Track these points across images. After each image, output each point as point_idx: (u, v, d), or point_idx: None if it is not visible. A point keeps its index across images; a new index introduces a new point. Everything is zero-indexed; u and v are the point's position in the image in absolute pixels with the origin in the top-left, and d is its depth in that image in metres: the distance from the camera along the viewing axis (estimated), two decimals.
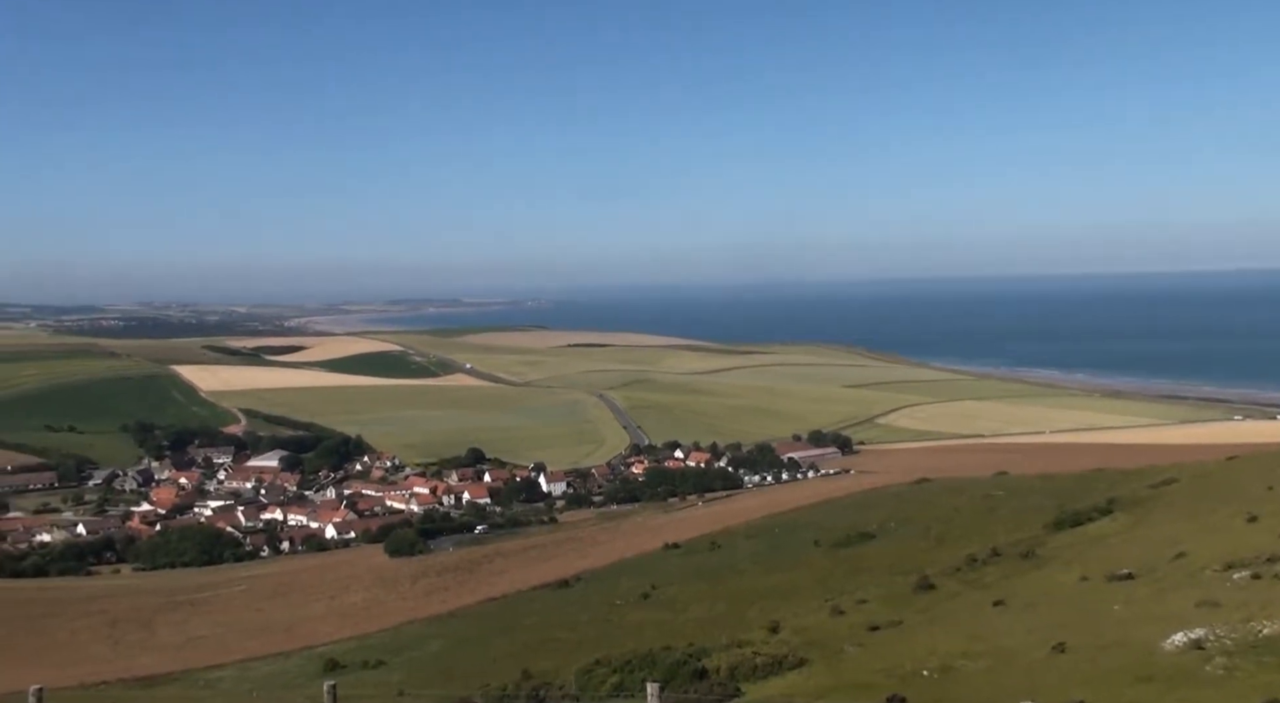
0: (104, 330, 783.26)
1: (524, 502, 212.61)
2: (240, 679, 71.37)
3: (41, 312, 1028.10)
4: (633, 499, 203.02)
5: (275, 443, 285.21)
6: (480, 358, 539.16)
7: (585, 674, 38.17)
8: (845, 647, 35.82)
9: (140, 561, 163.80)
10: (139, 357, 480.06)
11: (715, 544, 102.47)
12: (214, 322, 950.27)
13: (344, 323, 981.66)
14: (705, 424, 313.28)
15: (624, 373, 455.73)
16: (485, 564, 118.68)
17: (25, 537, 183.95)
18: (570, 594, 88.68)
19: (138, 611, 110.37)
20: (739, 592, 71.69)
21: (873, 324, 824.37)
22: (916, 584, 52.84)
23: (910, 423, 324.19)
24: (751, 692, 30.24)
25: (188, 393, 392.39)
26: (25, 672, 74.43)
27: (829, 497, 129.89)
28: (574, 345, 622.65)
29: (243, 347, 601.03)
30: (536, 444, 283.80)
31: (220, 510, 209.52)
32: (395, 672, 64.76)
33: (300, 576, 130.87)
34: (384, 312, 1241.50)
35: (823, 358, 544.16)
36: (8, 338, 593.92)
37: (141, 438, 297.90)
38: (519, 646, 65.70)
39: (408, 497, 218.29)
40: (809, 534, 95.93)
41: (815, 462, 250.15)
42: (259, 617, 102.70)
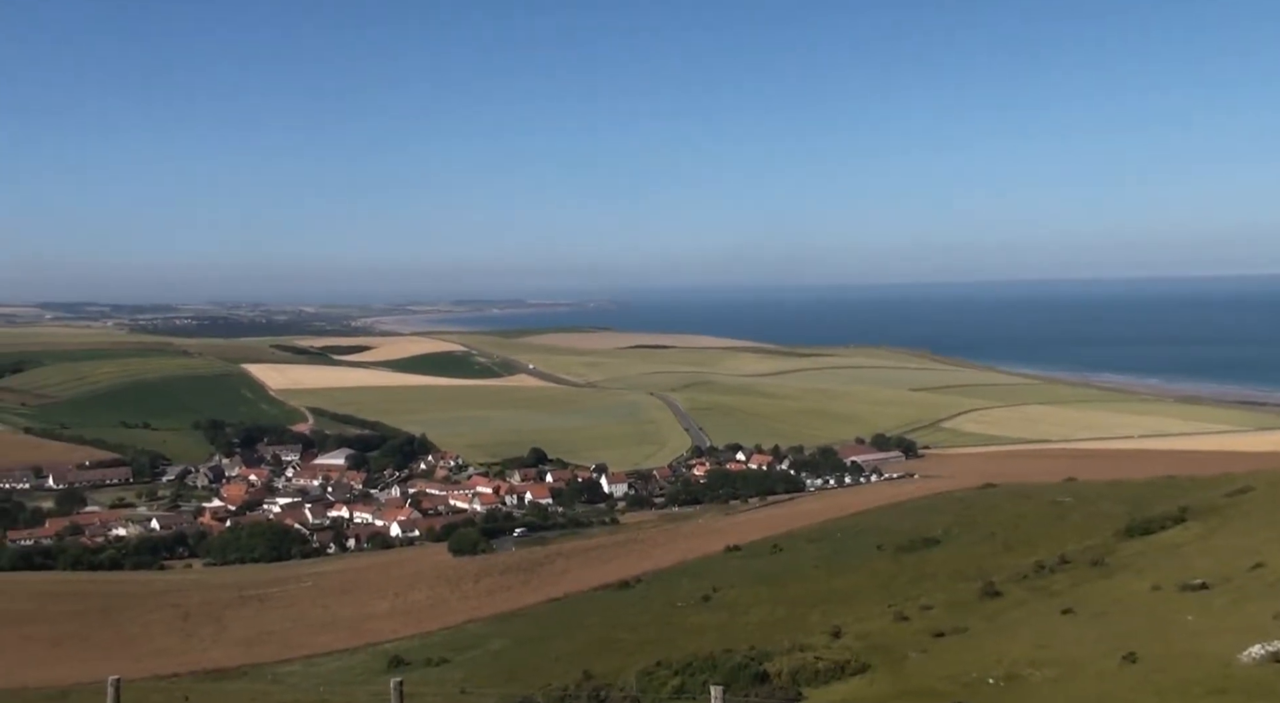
0: (178, 329, 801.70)
1: (585, 503, 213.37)
2: (307, 674, 72.48)
3: (119, 311, 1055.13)
4: (694, 501, 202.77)
5: (342, 441, 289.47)
6: (543, 359, 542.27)
7: (646, 676, 38.19)
8: (909, 653, 35.41)
9: (211, 556, 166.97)
10: (211, 355, 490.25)
11: (777, 547, 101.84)
12: (282, 321, 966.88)
13: (409, 323, 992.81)
14: (767, 427, 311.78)
15: (686, 374, 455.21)
16: (547, 564, 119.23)
17: (102, 531, 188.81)
18: (631, 595, 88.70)
19: (209, 605, 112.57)
20: (801, 596, 71.17)
21: (936, 327, 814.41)
22: (982, 591, 52.00)
23: (976, 427, 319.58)
24: (813, 697, 30.04)
25: (257, 391, 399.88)
26: (102, 663, 76.49)
27: (892, 501, 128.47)
28: (636, 347, 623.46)
29: (310, 346, 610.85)
30: (598, 445, 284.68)
31: (288, 508, 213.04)
32: (458, 670, 65.32)
33: (365, 573, 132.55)
34: (449, 312, 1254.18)
35: (887, 361, 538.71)
36: (87, 336, 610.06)
37: (212, 435, 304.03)
38: (580, 646, 65.89)
39: (471, 496, 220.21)
40: (872, 539, 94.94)
41: (878, 465, 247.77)
42: (325, 613, 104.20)
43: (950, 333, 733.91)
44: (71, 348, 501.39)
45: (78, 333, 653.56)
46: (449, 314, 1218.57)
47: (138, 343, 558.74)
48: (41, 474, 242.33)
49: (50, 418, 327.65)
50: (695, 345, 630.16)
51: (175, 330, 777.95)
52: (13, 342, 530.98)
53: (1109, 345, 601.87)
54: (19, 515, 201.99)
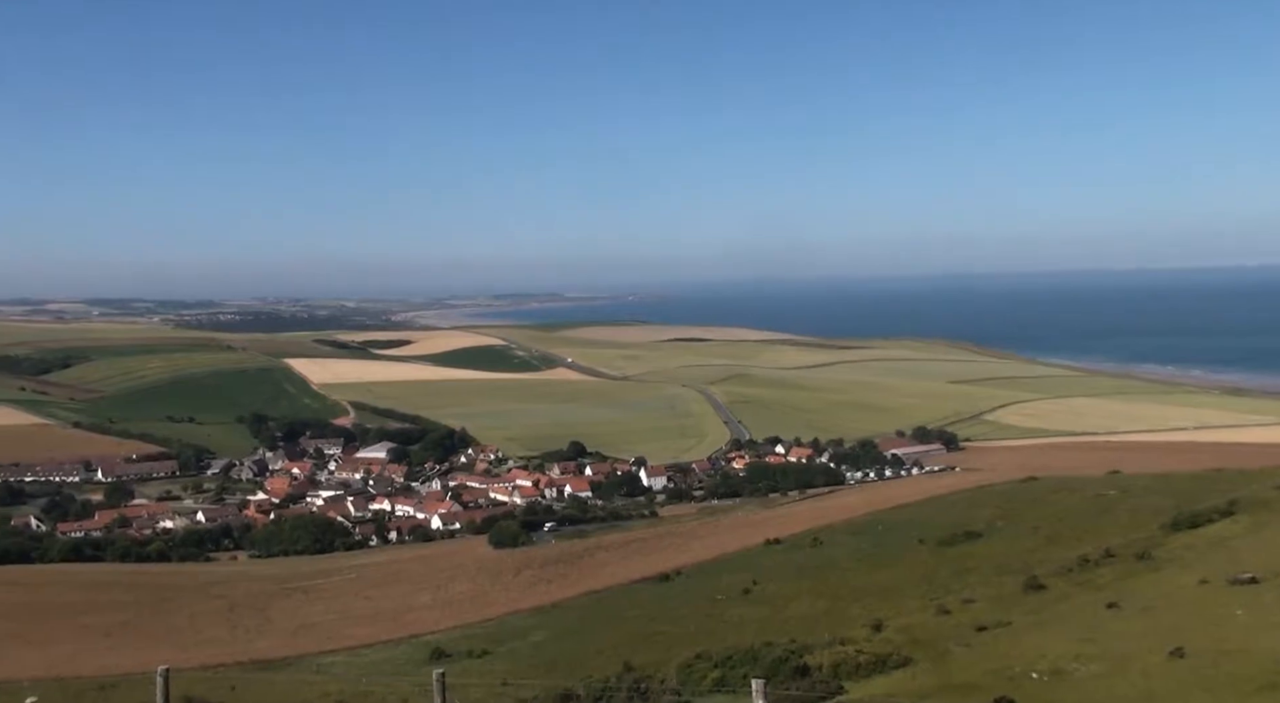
0: (222, 324, 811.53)
1: (625, 496, 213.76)
2: (351, 665, 73.30)
3: (164, 307, 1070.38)
4: (733, 494, 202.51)
5: (383, 435, 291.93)
6: (581, 352, 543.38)
7: (686, 669, 38.25)
8: (951, 647, 35.20)
9: (256, 548, 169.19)
10: (254, 350, 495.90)
11: (817, 541, 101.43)
12: (324, 316, 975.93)
13: (448, 317, 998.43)
14: (806, 420, 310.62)
15: (724, 367, 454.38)
16: (587, 557, 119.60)
17: (149, 523, 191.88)
18: (671, 588, 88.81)
19: (254, 596, 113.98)
20: (841, 589, 70.93)
21: (977, 319, 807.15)
22: (1025, 584, 51.56)
23: (1018, 420, 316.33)
24: (855, 690, 29.94)
25: (300, 385, 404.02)
26: (151, 653, 77.72)
27: (933, 494, 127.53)
28: (674, 340, 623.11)
29: (352, 341, 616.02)
30: (637, 438, 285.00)
31: (331, 500, 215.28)
32: (499, 661, 65.78)
33: (407, 565, 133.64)
34: (488, 306, 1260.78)
35: (927, 353, 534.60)
36: (134, 332, 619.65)
37: (256, 429, 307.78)
38: (620, 638, 66.09)
39: (511, 489, 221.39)
40: (913, 532, 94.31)
41: (919, 458, 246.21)
42: (368, 605, 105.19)
43: (992, 325, 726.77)
44: (119, 344, 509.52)
45: (125, 329, 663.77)
46: (488, 308, 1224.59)
47: (183, 338, 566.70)
48: (91, 468, 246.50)
49: (99, 413, 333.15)
50: (734, 338, 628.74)
51: (219, 326, 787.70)
52: (62, 338, 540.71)
53: (1153, 336, 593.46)
54: (69, 508, 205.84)
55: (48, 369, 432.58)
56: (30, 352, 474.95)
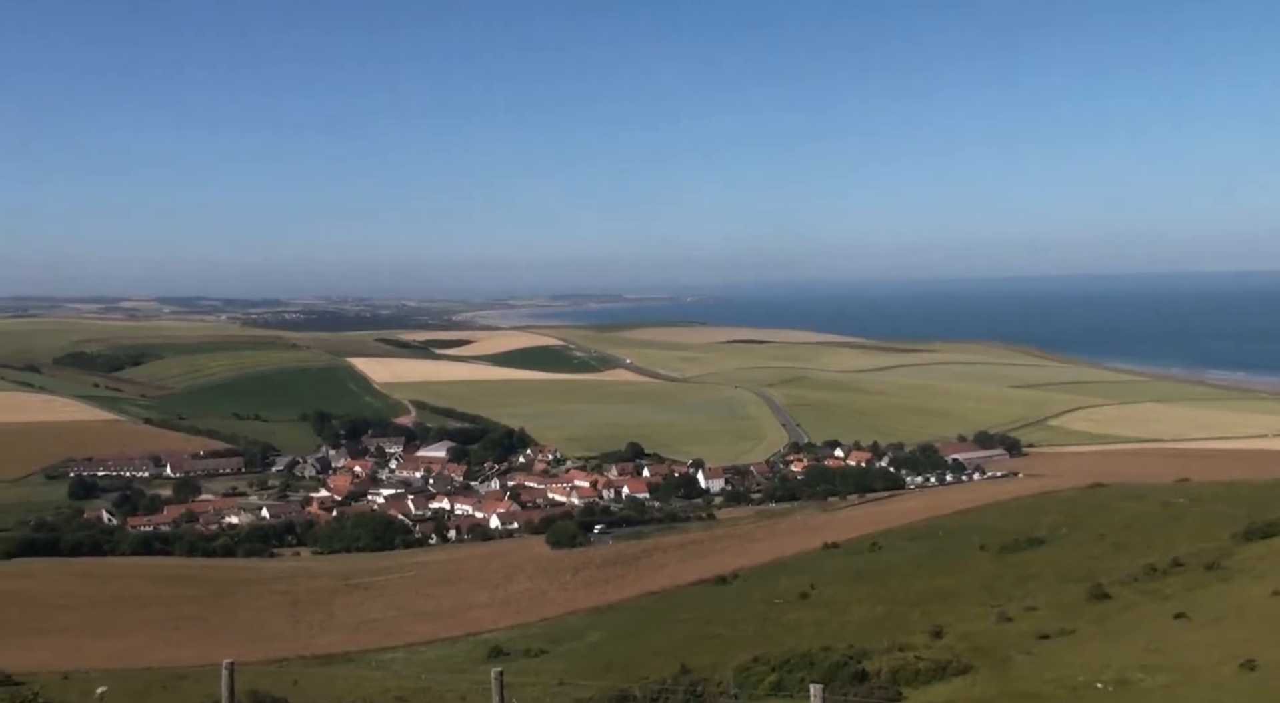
0: (287, 323, 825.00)
1: (682, 497, 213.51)
2: (410, 662, 74.04)
3: (231, 305, 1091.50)
4: (791, 497, 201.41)
5: (443, 434, 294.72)
6: (640, 353, 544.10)
7: (743, 672, 38.15)
8: (1013, 655, 34.70)
9: (318, 544, 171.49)
10: (318, 349, 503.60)
11: (876, 545, 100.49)
12: (386, 316, 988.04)
13: (508, 317, 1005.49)
14: (866, 423, 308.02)
15: (783, 370, 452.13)
16: (644, 558, 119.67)
17: (215, 518, 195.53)
18: (728, 591, 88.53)
19: (316, 592, 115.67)
20: (900, 594, 70.16)
21: (1042, 322, 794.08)
22: (1090, 593, 50.65)
23: (1084, 425, 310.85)
24: (914, 697, 29.65)
25: (362, 384, 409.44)
26: (217, 646, 79.21)
27: (996, 500, 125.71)
28: (733, 342, 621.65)
29: (413, 340, 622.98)
30: (695, 440, 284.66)
31: (392, 498, 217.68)
32: (556, 661, 66.03)
33: (466, 563, 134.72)
34: (547, 307, 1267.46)
35: (990, 356, 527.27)
36: (202, 330, 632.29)
37: (319, 426, 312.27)
38: (677, 640, 66.01)
39: (569, 489, 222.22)
40: (974, 538, 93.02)
41: (981, 463, 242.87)
42: (427, 602, 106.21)
43: (1057, 328, 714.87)
44: (188, 342, 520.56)
45: (193, 327, 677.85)
46: (547, 308, 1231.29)
47: (249, 337, 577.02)
48: (160, 463, 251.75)
49: (168, 409, 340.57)
50: (793, 340, 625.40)
51: (284, 324, 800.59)
52: (134, 335, 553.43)
53: (1225, 340, 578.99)
54: (139, 503, 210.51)
55: (120, 366, 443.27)
56: (104, 349, 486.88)
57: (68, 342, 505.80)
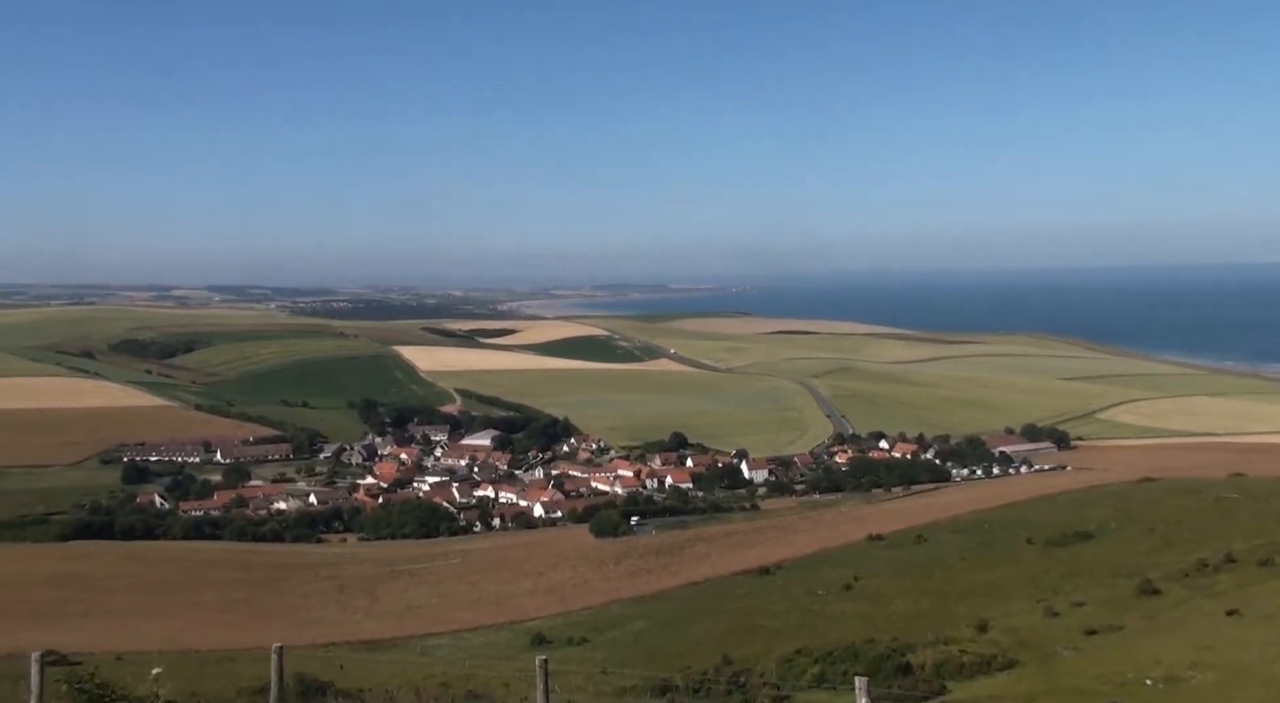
0: (334, 312, 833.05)
1: (725, 488, 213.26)
2: (455, 648, 74.77)
3: (280, 293, 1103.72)
4: (835, 489, 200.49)
5: (488, 423, 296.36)
6: (684, 343, 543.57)
7: (786, 663, 38.13)
8: (1059, 650, 34.37)
9: (364, 531, 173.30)
10: (365, 337, 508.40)
11: (921, 538, 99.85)
12: (432, 304, 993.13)
13: (553, 307, 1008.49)
14: (911, 415, 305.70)
15: (828, 361, 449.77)
16: (687, 548, 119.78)
17: (264, 504, 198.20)
18: (771, 582, 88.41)
19: (362, 578, 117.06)
20: (945, 588, 69.71)
21: (1092, 314, 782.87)
22: (1139, 588, 50.04)
23: (1134, 419, 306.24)
24: (958, 691, 29.46)
25: (408, 372, 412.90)
26: (266, 630, 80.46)
27: (1043, 493, 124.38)
28: (778, 332, 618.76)
29: (458, 329, 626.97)
30: (738, 431, 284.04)
31: (437, 486, 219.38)
32: (599, 650, 66.39)
33: (510, 552, 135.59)
34: (591, 296, 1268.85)
35: (1038, 348, 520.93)
36: (251, 318, 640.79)
37: (366, 414, 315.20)
38: (720, 631, 66.10)
39: (612, 479, 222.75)
40: (1021, 531, 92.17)
41: (1028, 456, 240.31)
42: (472, 590, 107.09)
43: (1107, 319, 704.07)
44: (238, 329, 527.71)
45: (243, 315, 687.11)
46: (592, 298, 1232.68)
47: (298, 325, 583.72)
48: (210, 449, 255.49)
49: (218, 395, 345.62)
50: (838, 331, 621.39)
51: (332, 313, 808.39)
52: (185, 323, 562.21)
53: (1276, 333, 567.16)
54: (190, 488, 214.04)
55: (172, 353, 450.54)
56: (156, 336, 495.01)
57: (122, 329, 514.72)
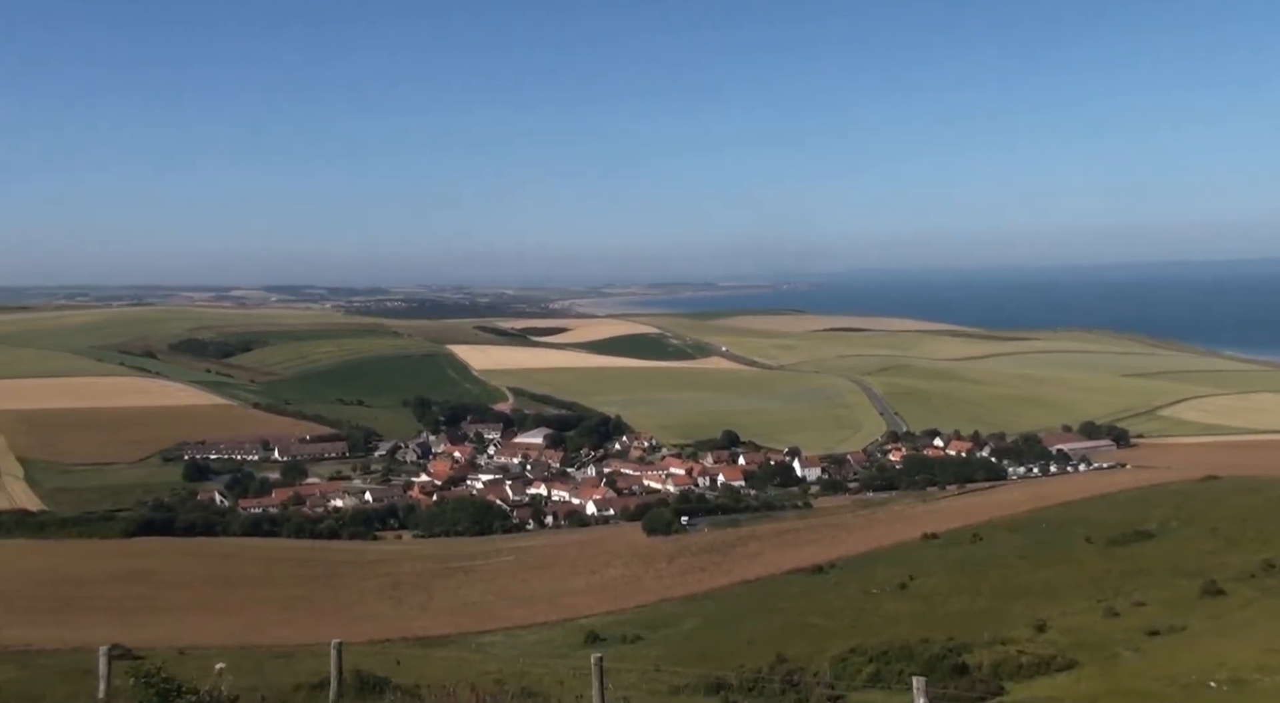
0: (388, 311, 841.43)
1: (778, 486, 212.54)
2: (509, 645, 75.18)
3: (336, 293, 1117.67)
4: (889, 487, 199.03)
5: (540, 421, 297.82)
6: (735, 341, 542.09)
7: (840, 662, 37.91)
8: (1120, 651, 33.82)
9: (419, 528, 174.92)
10: (419, 336, 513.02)
11: (977, 536, 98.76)
12: (485, 303, 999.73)
13: (604, 306, 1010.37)
14: (966, 412, 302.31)
15: (881, 358, 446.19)
16: (739, 546, 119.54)
17: (321, 501, 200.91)
18: (825, 581, 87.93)
19: (417, 575, 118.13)
20: (1002, 587, 68.87)
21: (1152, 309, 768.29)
22: (1203, 589, 49.05)
23: (1196, 416, 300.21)
24: (1016, 692, 29.10)
25: (461, 371, 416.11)
26: (323, 626, 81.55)
27: (1102, 492, 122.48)
28: (830, 330, 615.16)
29: (511, 328, 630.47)
30: (791, 429, 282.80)
31: (490, 484, 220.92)
32: (652, 648, 66.40)
33: (563, 549, 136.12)
34: (643, 295, 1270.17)
35: (1096, 345, 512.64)
36: (307, 317, 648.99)
37: (420, 413, 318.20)
38: (773, 629, 65.85)
39: (664, 477, 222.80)
40: (1080, 530, 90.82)
41: (1087, 454, 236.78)
42: (525, 587, 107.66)
43: (1168, 316, 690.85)
44: (294, 329, 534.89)
45: (299, 314, 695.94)
46: (643, 297, 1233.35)
47: (353, 324, 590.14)
48: (269, 447, 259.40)
49: (276, 394, 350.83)
50: (892, 328, 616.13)
51: (386, 312, 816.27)
52: (243, 323, 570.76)
53: None
54: (249, 485, 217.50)
55: (231, 352, 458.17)
56: (215, 336, 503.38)
57: (182, 329, 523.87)
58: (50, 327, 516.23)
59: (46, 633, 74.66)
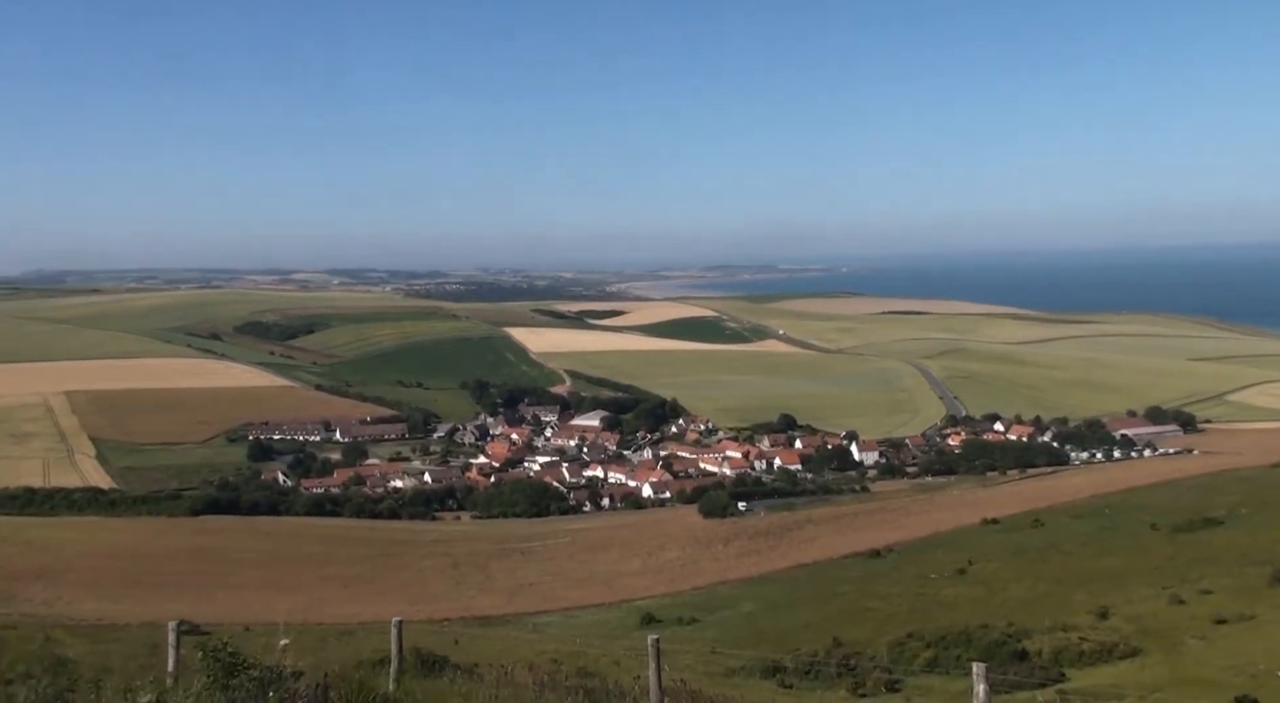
0: (447, 294, 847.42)
1: (835, 470, 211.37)
2: (565, 625, 75.83)
3: (395, 276, 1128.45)
4: (948, 472, 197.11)
5: (596, 403, 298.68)
6: (792, 324, 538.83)
7: (897, 647, 37.73)
8: (1186, 639, 33.26)
9: (477, 509, 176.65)
10: (477, 319, 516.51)
11: (1038, 522, 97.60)
12: (543, 286, 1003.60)
13: (661, 288, 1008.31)
14: (1027, 397, 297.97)
15: (940, 341, 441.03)
16: (796, 530, 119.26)
17: (381, 482, 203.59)
18: (882, 565, 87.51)
19: (475, 556, 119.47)
20: (1063, 573, 68.04)
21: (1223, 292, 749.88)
22: (1272, 577, 48.02)
23: (1267, 401, 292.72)
24: (1077, 679, 28.76)
25: (519, 353, 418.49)
26: (384, 604, 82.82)
27: (1168, 478, 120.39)
28: (888, 312, 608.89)
29: (568, 311, 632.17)
30: (848, 412, 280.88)
31: (547, 466, 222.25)
32: (708, 629, 66.60)
33: (619, 531, 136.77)
34: (700, 278, 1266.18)
35: (1163, 328, 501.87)
36: (368, 301, 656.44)
37: (478, 395, 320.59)
38: (830, 613, 65.69)
39: (720, 460, 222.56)
40: (1144, 517, 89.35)
41: (1152, 440, 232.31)
42: (582, 568, 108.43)
43: (1239, 298, 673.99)
44: (355, 311, 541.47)
45: (360, 297, 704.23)
46: (700, 279, 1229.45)
47: (412, 307, 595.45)
48: (330, 428, 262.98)
49: (337, 376, 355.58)
50: (951, 311, 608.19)
51: (445, 295, 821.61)
52: (306, 305, 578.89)
53: None
54: (312, 466, 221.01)
55: (293, 335, 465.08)
56: (278, 318, 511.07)
57: (246, 312, 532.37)
58: (120, 309, 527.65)
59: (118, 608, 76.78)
